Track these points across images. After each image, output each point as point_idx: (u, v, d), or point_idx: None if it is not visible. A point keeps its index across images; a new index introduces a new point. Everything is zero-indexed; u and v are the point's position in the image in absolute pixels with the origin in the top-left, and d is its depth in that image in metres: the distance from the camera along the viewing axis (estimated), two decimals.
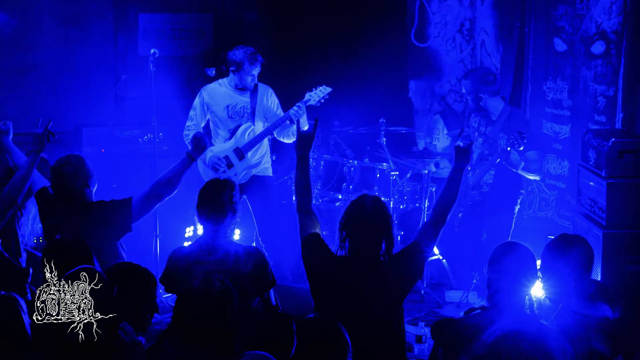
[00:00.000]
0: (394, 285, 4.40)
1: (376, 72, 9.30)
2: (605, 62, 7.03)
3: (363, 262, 4.39)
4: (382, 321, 4.37)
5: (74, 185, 5.35)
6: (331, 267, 4.46)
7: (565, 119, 7.55)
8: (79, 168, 5.37)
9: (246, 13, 9.41)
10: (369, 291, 4.36)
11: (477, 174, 6.97)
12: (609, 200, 5.94)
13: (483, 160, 6.96)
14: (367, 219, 4.42)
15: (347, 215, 4.49)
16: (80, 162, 5.40)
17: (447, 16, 8.79)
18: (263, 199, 7.19)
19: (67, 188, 5.35)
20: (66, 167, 5.34)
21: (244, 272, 4.82)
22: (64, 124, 7.94)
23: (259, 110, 7.14)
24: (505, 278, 3.94)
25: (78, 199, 5.36)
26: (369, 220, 4.41)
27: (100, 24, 8.85)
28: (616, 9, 6.87)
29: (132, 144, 8.31)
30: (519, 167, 6.75)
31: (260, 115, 7.15)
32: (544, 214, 7.88)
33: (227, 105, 7.13)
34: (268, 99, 7.18)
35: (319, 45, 9.41)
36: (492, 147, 6.91)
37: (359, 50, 9.31)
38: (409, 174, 7.86)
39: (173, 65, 8.71)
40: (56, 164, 5.40)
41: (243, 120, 7.13)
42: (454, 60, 8.79)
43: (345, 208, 4.57)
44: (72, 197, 5.36)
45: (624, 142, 6.04)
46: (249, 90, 7.12)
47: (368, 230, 4.41)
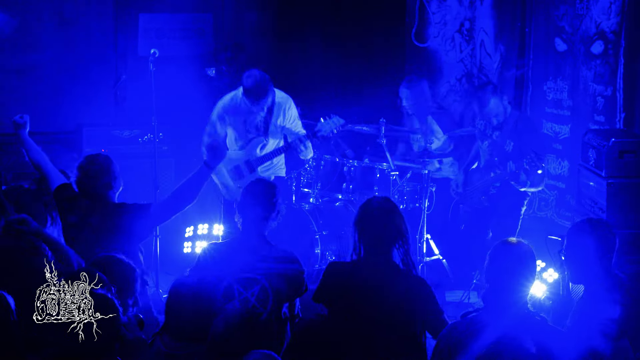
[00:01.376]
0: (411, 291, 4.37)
1: (376, 72, 9.30)
2: (603, 62, 7.04)
3: (377, 266, 4.37)
4: (400, 328, 4.33)
5: (97, 185, 5.33)
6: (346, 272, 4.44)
7: (565, 119, 7.55)
8: (104, 168, 5.35)
9: (246, 13, 9.41)
10: (386, 296, 4.33)
11: (485, 181, 6.96)
12: (609, 200, 5.95)
13: (492, 166, 6.95)
14: (376, 221, 4.40)
15: (357, 218, 4.48)
16: (106, 162, 5.39)
17: (446, 16, 8.79)
18: None
19: (90, 186, 5.33)
20: (92, 166, 5.34)
21: (282, 275, 4.76)
22: (64, 124, 7.95)
23: (273, 125, 7.15)
24: (504, 276, 3.90)
25: (100, 198, 5.34)
26: (379, 222, 4.39)
27: (100, 24, 8.85)
28: (615, 9, 6.87)
29: (132, 144, 8.31)
30: (525, 186, 6.73)
31: (276, 131, 7.16)
32: (544, 214, 7.88)
33: (244, 120, 7.07)
34: (285, 113, 7.15)
35: (319, 45, 9.41)
36: (500, 154, 6.89)
37: (359, 50, 9.31)
38: (409, 174, 7.86)
39: (173, 65, 8.71)
40: (83, 162, 5.38)
41: (258, 134, 7.14)
42: (453, 60, 8.79)
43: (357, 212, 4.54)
44: (94, 196, 5.34)
45: (624, 142, 6.05)
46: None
47: (379, 233, 4.39)
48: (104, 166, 5.36)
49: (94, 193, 5.34)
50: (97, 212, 5.30)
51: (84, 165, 5.36)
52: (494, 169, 6.90)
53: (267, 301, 4.52)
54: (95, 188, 5.33)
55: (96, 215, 5.29)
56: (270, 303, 4.53)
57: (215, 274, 4.57)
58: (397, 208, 4.49)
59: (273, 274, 4.69)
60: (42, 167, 5.61)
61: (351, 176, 7.83)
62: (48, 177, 5.58)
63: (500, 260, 3.92)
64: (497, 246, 4.01)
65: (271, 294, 4.56)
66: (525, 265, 3.93)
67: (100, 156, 5.43)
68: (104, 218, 5.28)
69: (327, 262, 7.61)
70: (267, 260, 4.78)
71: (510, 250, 3.96)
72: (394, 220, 4.42)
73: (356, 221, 4.48)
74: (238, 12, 9.35)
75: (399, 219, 4.43)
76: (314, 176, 7.81)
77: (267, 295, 4.55)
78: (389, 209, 4.44)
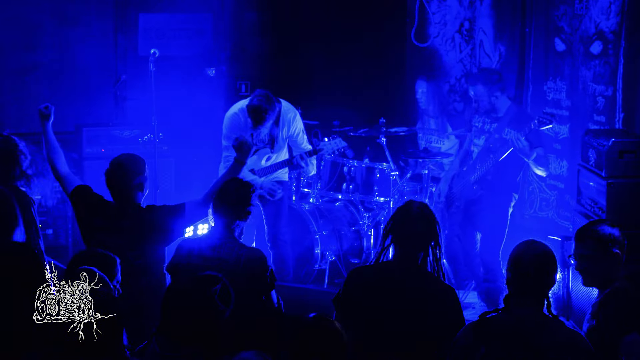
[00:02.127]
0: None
1: (376, 72, 9.30)
2: (602, 62, 7.03)
3: (409, 270, 4.32)
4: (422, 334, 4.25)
5: (128, 187, 5.24)
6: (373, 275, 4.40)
7: (564, 119, 7.55)
8: (136, 169, 5.26)
9: (246, 13, 9.40)
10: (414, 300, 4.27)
11: (480, 169, 6.94)
12: (609, 200, 5.94)
13: (488, 154, 6.92)
14: (412, 225, 4.34)
15: (393, 221, 4.41)
16: (139, 163, 5.30)
17: (446, 16, 8.79)
18: (276, 203, 7.21)
19: (120, 189, 5.25)
20: (120, 169, 5.24)
21: (241, 273, 4.79)
22: (64, 124, 7.93)
23: (279, 139, 7.16)
24: (526, 279, 3.88)
25: (131, 201, 5.26)
26: (415, 227, 4.34)
27: (100, 24, 8.85)
28: (615, 9, 6.87)
29: (132, 144, 8.30)
30: (531, 157, 6.65)
31: (281, 144, 7.18)
32: (544, 214, 7.88)
33: (250, 133, 7.05)
34: (290, 126, 7.15)
35: (319, 45, 9.41)
36: (497, 141, 6.87)
37: (359, 49, 9.31)
38: (409, 174, 7.87)
39: (173, 65, 8.71)
40: (115, 161, 5.28)
41: (265, 145, 7.16)
42: (453, 60, 8.79)
43: (391, 214, 4.49)
44: (124, 199, 5.26)
45: (624, 142, 6.04)
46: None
47: (413, 238, 4.34)
48: (136, 167, 5.27)
49: (124, 197, 5.25)
50: (128, 216, 5.21)
51: (114, 168, 5.26)
52: (487, 158, 6.88)
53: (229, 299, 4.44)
54: (126, 191, 5.24)
55: (127, 219, 5.20)
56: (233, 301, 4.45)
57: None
58: (435, 215, 4.44)
59: (232, 270, 4.69)
60: (55, 165, 5.50)
61: (351, 176, 7.83)
62: (63, 178, 5.47)
63: (523, 261, 3.91)
64: (518, 248, 4.00)
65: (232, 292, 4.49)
66: (548, 267, 3.92)
67: (132, 156, 5.34)
68: (134, 222, 5.18)
69: (327, 262, 7.66)
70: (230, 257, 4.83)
71: (531, 252, 3.94)
72: (433, 226, 4.36)
73: (393, 224, 4.39)
74: (238, 12, 9.35)
75: (437, 226, 4.38)
76: (314, 176, 7.82)
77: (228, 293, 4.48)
78: (428, 215, 4.38)
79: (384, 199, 7.68)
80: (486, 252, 7.00)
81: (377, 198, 7.71)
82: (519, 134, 6.61)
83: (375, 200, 7.73)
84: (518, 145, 6.62)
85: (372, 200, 7.76)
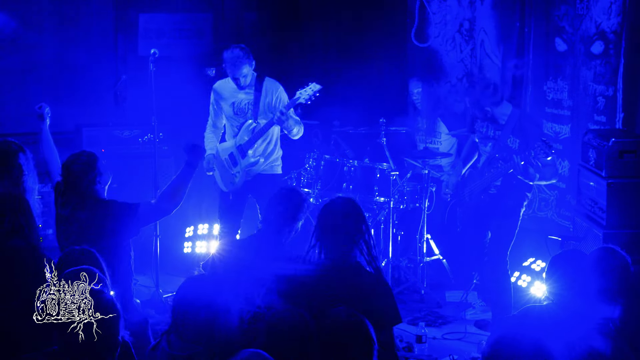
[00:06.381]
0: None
1: (376, 72, 9.30)
2: (603, 62, 7.03)
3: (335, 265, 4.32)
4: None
5: (82, 182, 5.39)
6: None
7: (565, 119, 7.55)
8: (88, 165, 5.41)
9: (246, 13, 9.41)
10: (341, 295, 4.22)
11: (485, 178, 6.87)
12: (609, 200, 5.94)
13: (493, 163, 6.88)
14: (336, 221, 4.35)
15: (317, 218, 4.42)
16: (90, 159, 5.45)
17: (447, 16, 8.79)
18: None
19: (75, 183, 5.41)
20: (74, 165, 5.41)
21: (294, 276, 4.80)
22: (64, 124, 7.93)
23: (262, 107, 7.12)
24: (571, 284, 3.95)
25: (89, 195, 5.41)
26: (338, 222, 4.34)
27: (100, 24, 8.85)
28: (615, 9, 6.87)
29: (132, 144, 8.31)
30: (534, 180, 6.58)
31: (265, 113, 7.12)
32: (544, 214, 7.88)
33: (232, 102, 7.15)
34: (273, 95, 7.13)
35: (319, 45, 9.41)
36: (503, 150, 6.83)
37: (359, 50, 9.31)
38: (409, 174, 7.87)
39: (173, 65, 8.71)
40: (66, 161, 5.48)
41: (247, 117, 7.14)
42: (453, 60, 8.79)
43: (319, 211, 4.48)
44: (82, 193, 5.41)
45: (624, 142, 6.04)
46: (252, 86, 7.11)
47: (338, 233, 4.33)
48: (88, 163, 5.42)
49: (80, 190, 5.41)
50: (86, 208, 5.39)
51: (66, 164, 5.45)
52: (495, 166, 6.84)
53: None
54: (82, 185, 5.40)
55: (85, 211, 5.39)
56: None
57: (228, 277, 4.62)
58: (361, 209, 4.41)
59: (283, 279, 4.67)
60: (47, 162, 5.80)
61: (351, 176, 7.83)
62: (51, 173, 5.76)
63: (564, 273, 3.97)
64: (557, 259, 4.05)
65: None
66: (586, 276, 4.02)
67: (84, 153, 5.51)
68: (91, 214, 5.38)
69: None
70: (279, 261, 4.77)
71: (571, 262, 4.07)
72: (360, 221, 4.35)
73: (317, 221, 4.41)
74: (238, 12, 9.35)
75: (364, 219, 4.37)
76: (314, 176, 7.81)
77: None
78: (352, 209, 4.37)
79: (384, 199, 7.67)
80: (494, 251, 6.90)
81: (377, 198, 7.71)
82: (518, 157, 6.58)
83: (375, 200, 7.72)
84: (519, 171, 6.58)
85: (372, 200, 7.76)
